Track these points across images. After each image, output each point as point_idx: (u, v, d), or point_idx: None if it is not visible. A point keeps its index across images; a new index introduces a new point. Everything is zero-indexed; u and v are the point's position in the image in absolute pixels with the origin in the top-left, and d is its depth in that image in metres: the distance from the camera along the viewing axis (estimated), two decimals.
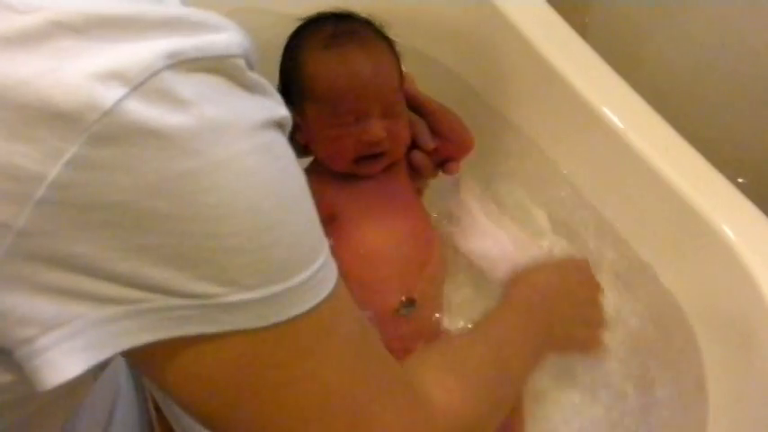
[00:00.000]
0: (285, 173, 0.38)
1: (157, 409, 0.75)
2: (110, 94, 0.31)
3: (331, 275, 0.40)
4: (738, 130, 1.19)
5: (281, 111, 0.38)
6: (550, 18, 0.95)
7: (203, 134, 0.33)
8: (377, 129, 0.75)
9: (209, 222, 0.34)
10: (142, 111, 0.32)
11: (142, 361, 0.38)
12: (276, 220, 0.36)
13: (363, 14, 0.82)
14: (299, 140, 0.79)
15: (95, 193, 0.32)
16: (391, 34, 0.82)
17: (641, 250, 0.89)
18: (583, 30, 0.99)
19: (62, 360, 0.34)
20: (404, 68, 0.83)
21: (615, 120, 0.87)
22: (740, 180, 0.94)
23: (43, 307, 0.34)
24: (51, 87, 0.31)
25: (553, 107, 0.94)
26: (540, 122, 0.97)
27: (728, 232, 0.78)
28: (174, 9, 0.34)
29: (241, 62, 0.36)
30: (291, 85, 0.78)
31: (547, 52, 0.92)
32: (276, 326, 0.37)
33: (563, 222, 0.96)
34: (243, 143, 0.35)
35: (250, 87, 0.36)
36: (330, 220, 0.77)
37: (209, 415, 0.40)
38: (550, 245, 0.95)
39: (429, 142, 0.82)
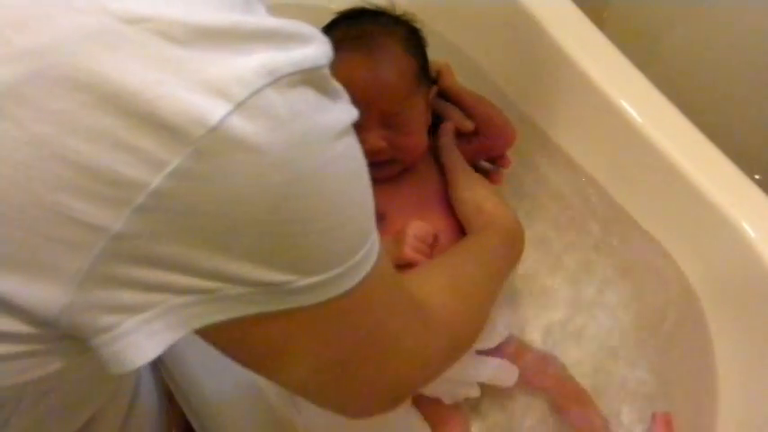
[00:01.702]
0: (359, 172, 0.41)
1: (170, 398, 0.76)
2: (216, 111, 0.33)
3: (377, 245, 0.44)
4: (756, 126, 1.18)
5: (354, 112, 0.41)
6: (571, 13, 0.95)
7: (297, 148, 0.35)
8: (372, 141, 0.74)
9: (294, 224, 0.37)
10: (244, 127, 0.33)
11: (205, 332, 0.40)
12: (348, 217, 0.40)
13: (398, 11, 0.80)
14: None
15: (193, 201, 0.34)
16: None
17: (660, 244, 0.90)
18: (602, 24, 0.98)
19: (144, 342, 0.37)
20: (441, 61, 0.83)
21: (634, 113, 0.87)
22: (757, 176, 0.94)
23: (128, 297, 0.36)
24: (158, 99, 0.32)
25: (572, 101, 0.95)
26: (559, 116, 0.98)
27: (747, 227, 0.78)
28: (268, 20, 0.35)
29: (327, 71, 0.38)
30: None
31: (567, 46, 0.92)
32: (332, 299, 0.41)
33: (577, 214, 0.96)
34: (330, 151, 0.37)
35: (333, 95, 0.39)
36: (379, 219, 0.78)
37: (259, 369, 0.45)
38: (561, 236, 0.96)
39: (466, 123, 0.81)
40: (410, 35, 0.79)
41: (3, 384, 0.39)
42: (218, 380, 0.73)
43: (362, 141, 0.71)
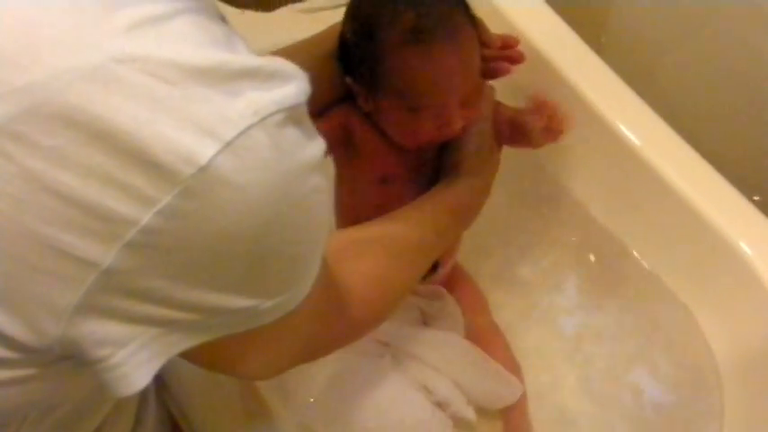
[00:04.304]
0: (326, 199, 0.42)
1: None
2: (205, 151, 0.34)
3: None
4: (753, 147, 1.19)
5: (323, 147, 0.42)
6: (568, 37, 0.97)
7: (281, 185, 0.37)
8: (458, 124, 0.73)
9: (271, 255, 0.39)
10: (231, 166, 0.34)
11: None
12: (315, 241, 0.43)
13: None
14: (364, 107, 0.76)
15: (180, 238, 0.35)
16: None
17: (656, 267, 0.90)
18: (599, 49, 1.00)
19: (133, 373, 0.38)
20: None
21: (631, 136, 0.88)
22: (756, 198, 0.94)
23: (115, 330, 0.37)
24: (149, 138, 0.33)
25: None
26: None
27: (745, 248, 0.79)
28: (250, 59, 0.37)
29: (305, 108, 0.39)
30: (362, 67, 0.73)
31: (565, 70, 0.93)
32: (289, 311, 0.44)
33: (573, 237, 0.97)
34: (307, 185, 0.39)
35: (310, 129, 0.40)
36: (381, 182, 0.79)
37: (215, 370, 0.51)
38: (558, 260, 0.97)
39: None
40: (466, 5, 0.75)
41: (4, 407, 0.40)
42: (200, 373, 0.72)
43: (448, 124, 0.72)
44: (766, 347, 0.77)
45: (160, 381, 0.74)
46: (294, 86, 0.38)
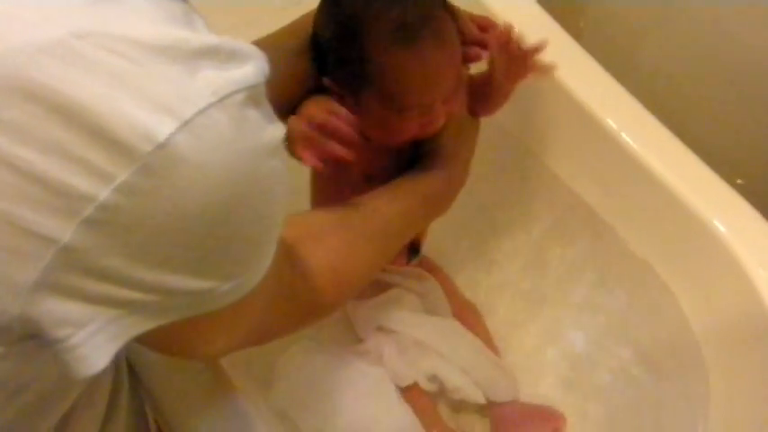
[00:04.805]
0: (284, 180, 0.42)
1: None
2: (163, 128, 0.34)
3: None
4: (736, 131, 1.19)
5: (283, 131, 0.41)
6: (546, 22, 0.96)
7: (239, 166, 0.37)
8: (441, 120, 0.72)
9: (229, 236, 0.39)
10: (190, 145, 0.34)
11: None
12: (273, 224, 0.43)
13: None
14: (346, 105, 0.72)
15: (138, 216, 0.35)
16: None
17: (638, 251, 0.90)
18: (578, 34, 0.99)
19: (92, 355, 0.38)
20: None
21: (611, 122, 0.87)
22: (739, 181, 0.94)
23: (73, 309, 0.36)
24: (108, 113, 0.33)
25: (548, 111, 0.95)
26: (535, 126, 0.98)
27: (721, 228, 0.79)
28: (209, 37, 0.36)
29: (263, 89, 0.39)
30: (343, 68, 0.71)
31: (542, 56, 0.92)
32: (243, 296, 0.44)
33: (557, 221, 0.97)
34: (265, 168, 0.39)
35: (269, 111, 0.40)
36: (366, 180, 0.78)
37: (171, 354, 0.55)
38: (542, 241, 0.97)
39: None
40: (447, 4, 0.73)
41: None
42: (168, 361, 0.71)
43: (431, 122, 0.70)
44: (747, 334, 0.77)
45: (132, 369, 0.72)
46: (253, 66, 0.38)
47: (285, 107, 0.74)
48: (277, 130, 0.40)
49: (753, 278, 0.75)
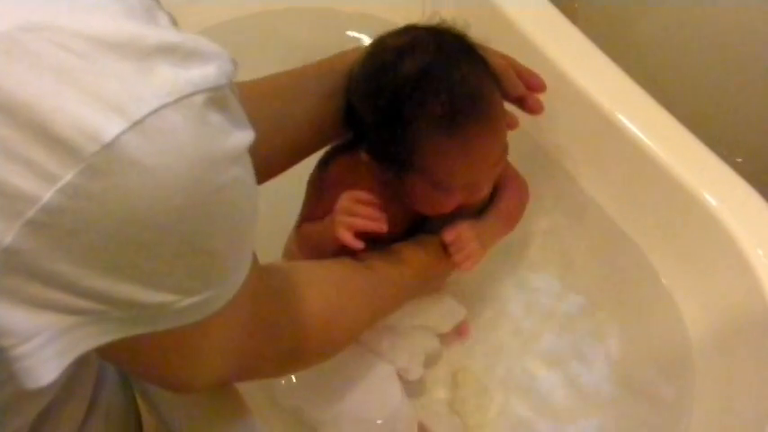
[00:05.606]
0: (251, 194, 0.41)
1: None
2: (110, 128, 0.32)
3: (251, 260, 0.44)
4: (735, 110, 1.18)
5: (252, 135, 0.39)
6: (541, 4, 0.95)
7: (194, 171, 0.35)
8: (487, 189, 0.72)
9: (185, 247, 0.37)
10: (139, 146, 0.33)
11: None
12: (236, 239, 0.41)
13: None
14: (386, 176, 0.71)
15: (84, 219, 0.33)
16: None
17: (632, 231, 0.90)
18: (573, 14, 0.98)
19: (38, 368, 0.36)
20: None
21: (606, 102, 0.87)
22: (738, 159, 0.93)
23: (20, 317, 0.35)
24: (52, 111, 0.31)
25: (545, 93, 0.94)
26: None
27: (711, 200, 0.79)
28: (169, 34, 0.35)
29: (228, 91, 0.37)
30: (386, 145, 0.68)
31: (537, 38, 0.92)
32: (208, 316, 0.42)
33: (554, 200, 0.96)
34: (226, 175, 0.37)
35: (233, 115, 0.38)
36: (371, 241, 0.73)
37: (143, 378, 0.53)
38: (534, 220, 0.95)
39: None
40: (485, 62, 0.70)
41: None
42: None
43: (475, 193, 0.69)
44: (742, 320, 0.77)
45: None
46: (215, 67, 0.36)
47: (308, 148, 0.75)
48: (245, 137, 0.38)
49: (751, 261, 0.75)
